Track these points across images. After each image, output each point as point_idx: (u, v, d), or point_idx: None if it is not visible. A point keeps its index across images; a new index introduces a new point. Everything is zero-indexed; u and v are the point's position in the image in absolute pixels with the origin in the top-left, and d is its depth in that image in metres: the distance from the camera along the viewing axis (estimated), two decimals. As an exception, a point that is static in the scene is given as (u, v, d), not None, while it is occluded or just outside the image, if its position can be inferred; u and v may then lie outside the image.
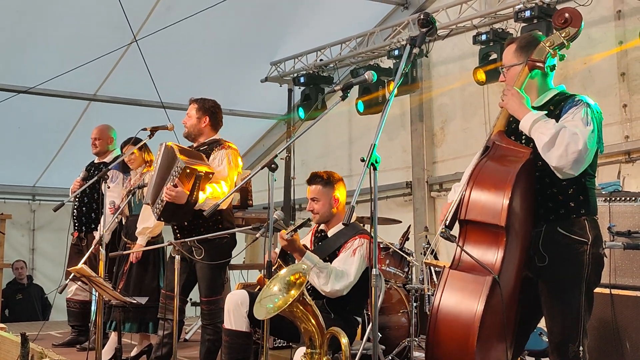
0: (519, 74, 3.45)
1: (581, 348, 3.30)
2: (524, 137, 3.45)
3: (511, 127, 3.52)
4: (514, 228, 3.25)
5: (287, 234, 4.26)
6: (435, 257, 6.63)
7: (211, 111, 5.30)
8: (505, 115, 3.49)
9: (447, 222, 3.33)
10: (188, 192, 4.84)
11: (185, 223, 5.06)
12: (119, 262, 6.25)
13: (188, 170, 4.80)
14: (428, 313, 6.00)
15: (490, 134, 3.46)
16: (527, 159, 3.30)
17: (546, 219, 3.39)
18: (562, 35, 3.42)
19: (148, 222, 5.85)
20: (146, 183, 5.62)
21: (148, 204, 5.21)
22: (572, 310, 3.32)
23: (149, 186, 5.21)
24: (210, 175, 4.93)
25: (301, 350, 3.89)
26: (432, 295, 6.06)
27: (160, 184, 5.04)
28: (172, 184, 4.83)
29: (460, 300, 3.18)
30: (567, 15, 3.45)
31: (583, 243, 3.33)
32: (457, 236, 3.31)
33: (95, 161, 6.81)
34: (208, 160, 5.08)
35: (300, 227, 4.38)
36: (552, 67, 3.49)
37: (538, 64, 3.42)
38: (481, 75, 7.76)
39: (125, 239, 6.28)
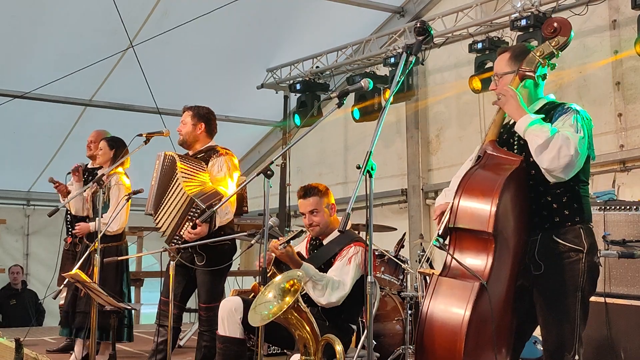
0: (510, 84, 3.47)
1: (577, 357, 3.30)
2: (515, 146, 3.48)
3: (502, 138, 3.54)
4: (503, 235, 3.26)
5: (280, 245, 4.25)
6: (431, 266, 6.63)
7: (206, 118, 5.30)
8: (497, 125, 3.51)
9: (441, 232, 3.35)
10: (208, 227, 4.91)
11: None
12: (82, 266, 6.21)
13: (207, 210, 4.83)
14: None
15: (482, 143, 3.48)
16: (516, 166, 3.32)
17: (541, 228, 3.40)
18: (552, 44, 3.45)
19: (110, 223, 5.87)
20: (137, 190, 5.58)
21: (151, 214, 5.18)
22: (568, 318, 3.32)
23: (150, 196, 5.19)
24: (221, 197, 4.94)
25: (295, 357, 3.89)
26: (419, 301, 6.09)
27: (161, 195, 5.06)
28: (191, 224, 4.86)
29: (448, 307, 3.19)
30: (555, 24, 3.48)
31: (578, 251, 3.33)
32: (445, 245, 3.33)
33: (89, 166, 6.78)
34: (207, 167, 5.10)
35: (293, 238, 4.37)
36: (543, 77, 3.51)
37: (528, 73, 3.44)
38: (477, 84, 7.78)
39: (87, 242, 6.23)
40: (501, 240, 3.24)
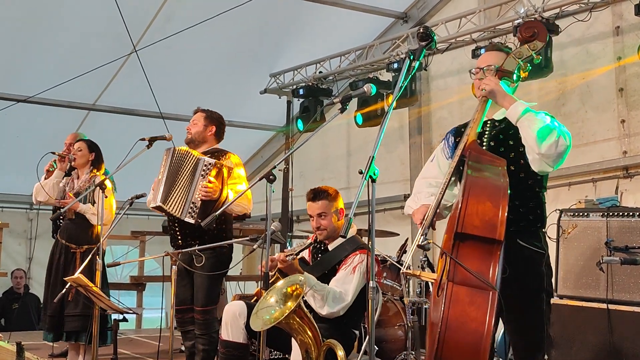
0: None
1: (546, 357, 3.37)
2: (502, 149, 3.51)
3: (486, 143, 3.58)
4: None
5: (289, 256, 4.25)
6: (431, 268, 6.61)
7: (218, 122, 5.41)
8: (475, 128, 3.53)
9: (425, 233, 3.38)
10: (221, 185, 5.02)
11: (187, 231, 5.09)
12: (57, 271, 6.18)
13: (219, 165, 5.03)
14: (421, 325, 5.99)
15: (465, 145, 3.47)
16: (505, 170, 3.35)
17: (507, 231, 3.41)
18: (530, 47, 3.51)
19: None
20: (140, 194, 5.58)
21: (159, 206, 5.15)
22: (536, 320, 3.42)
23: (156, 190, 5.18)
24: (230, 170, 5.13)
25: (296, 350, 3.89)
26: (422, 306, 6.09)
27: (170, 187, 5.07)
28: (204, 182, 4.97)
29: (468, 315, 3.15)
30: (536, 29, 3.54)
31: (542, 255, 3.44)
32: (434, 244, 3.35)
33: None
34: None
35: (302, 250, 4.39)
36: (518, 79, 3.58)
37: (507, 74, 3.51)
38: (480, 89, 7.78)
39: (65, 242, 6.21)
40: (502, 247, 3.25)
